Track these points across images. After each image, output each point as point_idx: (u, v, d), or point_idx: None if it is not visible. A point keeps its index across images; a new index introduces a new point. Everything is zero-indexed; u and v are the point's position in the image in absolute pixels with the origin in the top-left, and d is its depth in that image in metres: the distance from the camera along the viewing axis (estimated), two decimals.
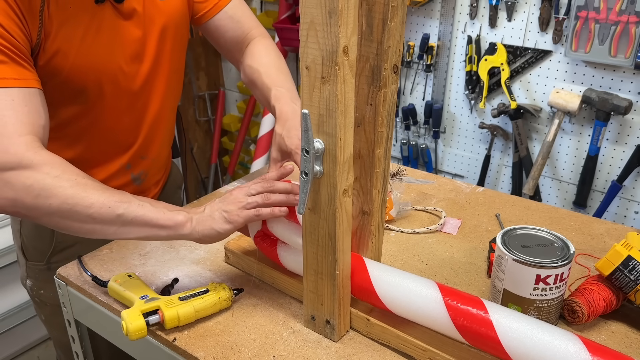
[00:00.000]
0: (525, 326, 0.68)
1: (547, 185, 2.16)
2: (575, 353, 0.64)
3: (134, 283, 0.91)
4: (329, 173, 0.73)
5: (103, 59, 0.99)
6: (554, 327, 0.69)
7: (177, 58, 1.16)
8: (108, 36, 0.99)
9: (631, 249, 0.85)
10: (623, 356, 0.64)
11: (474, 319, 0.72)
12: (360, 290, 0.84)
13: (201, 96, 3.07)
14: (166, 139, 1.24)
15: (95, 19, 0.96)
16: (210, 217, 0.86)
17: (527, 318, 0.70)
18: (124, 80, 1.04)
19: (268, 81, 1.12)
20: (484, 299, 0.74)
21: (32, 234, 1.17)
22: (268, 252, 0.95)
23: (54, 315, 1.21)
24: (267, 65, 1.16)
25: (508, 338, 0.69)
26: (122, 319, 0.83)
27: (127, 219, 0.83)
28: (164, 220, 0.85)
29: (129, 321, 0.82)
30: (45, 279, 1.18)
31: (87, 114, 1.04)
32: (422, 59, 2.26)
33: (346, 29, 0.66)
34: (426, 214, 1.22)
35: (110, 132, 1.09)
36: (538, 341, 0.67)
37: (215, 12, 1.18)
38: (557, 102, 1.94)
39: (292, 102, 1.04)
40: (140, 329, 0.82)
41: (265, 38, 1.24)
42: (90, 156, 1.09)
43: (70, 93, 1.00)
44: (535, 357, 0.67)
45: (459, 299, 0.74)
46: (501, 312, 0.71)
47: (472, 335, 0.72)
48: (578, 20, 1.83)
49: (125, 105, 1.07)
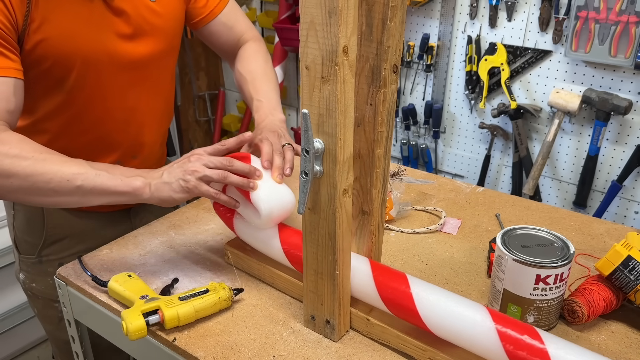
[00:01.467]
0: (440, 298, 0.76)
1: (547, 185, 2.16)
2: (481, 321, 0.72)
3: (134, 283, 0.91)
4: (329, 173, 0.73)
5: (91, 46, 1.00)
6: (466, 300, 0.76)
7: (170, 59, 1.17)
8: (97, 27, 1.00)
9: (631, 249, 0.85)
10: (522, 324, 0.71)
11: (397, 292, 0.79)
12: None
13: (201, 96, 3.07)
14: (158, 140, 1.24)
15: (85, 10, 0.98)
16: (169, 184, 0.89)
17: (442, 291, 0.78)
18: (111, 72, 1.05)
19: (252, 90, 1.18)
20: (408, 275, 0.81)
21: (23, 227, 1.18)
22: (225, 219, 1.00)
23: (46, 309, 1.23)
24: (254, 72, 1.22)
25: (425, 309, 0.76)
26: (122, 319, 0.83)
27: (86, 189, 0.87)
28: (122, 187, 0.88)
29: (129, 321, 0.82)
30: (36, 272, 1.20)
31: (72, 104, 1.05)
32: (422, 59, 2.26)
33: (346, 28, 0.66)
34: (426, 214, 1.22)
35: (97, 126, 1.09)
36: (450, 311, 0.75)
37: (210, 19, 1.22)
38: (557, 102, 1.94)
39: (270, 113, 1.11)
40: (140, 329, 0.82)
41: (255, 42, 1.29)
42: (77, 151, 1.09)
43: (57, 80, 1.01)
44: (447, 325, 0.75)
45: (386, 274, 0.82)
46: (420, 286, 0.79)
47: (397, 307, 0.80)
48: (578, 20, 1.83)
49: (112, 99, 1.08)
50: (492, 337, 0.71)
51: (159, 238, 1.12)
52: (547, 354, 0.67)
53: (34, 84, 1.00)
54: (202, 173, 0.88)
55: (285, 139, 1.02)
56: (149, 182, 0.89)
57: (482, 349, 0.72)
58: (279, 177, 0.93)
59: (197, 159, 0.90)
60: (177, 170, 0.90)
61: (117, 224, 1.21)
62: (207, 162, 0.89)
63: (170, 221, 1.18)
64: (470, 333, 0.73)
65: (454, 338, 0.75)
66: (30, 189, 0.86)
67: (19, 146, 0.87)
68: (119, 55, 1.04)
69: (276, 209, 0.90)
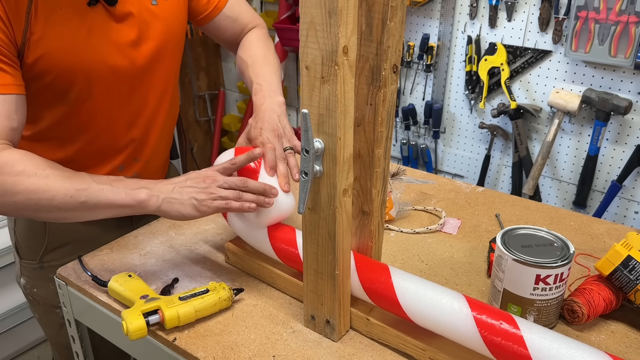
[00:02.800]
0: (419, 287, 0.78)
1: (547, 185, 2.16)
2: (459, 308, 0.74)
3: (134, 283, 0.91)
4: (329, 173, 0.73)
5: (93, 59, 0.99)
6: (444, 288, 0.78)
7: (173, 61, 1.16)
8: (99, 38, 0.99)
9: (631, 249, 0.85)
10: (500, 312, 0.73)
11: (379, 283, 0.81)
12: None
13: (201, 96, 3.07)
14: (162, 143, 1.23)
15: (86, 21, 0.97)
16: (179, 201, 0.88)
17: (422, 281, 0.80)
18: (114, 82, 1.04)
19: (252, 74, 1.18)
20: (390, 266, 0.83)
21: (25, 233, 1.17)
22: None
23: (47, 314, 1.22)
24: (255, 57, 1.21)
25: (405, 298, 0.79)
26: (122, 318, 0.83)
27: (90, 204, 0.87)
28: (126, 200, 0.88)
29: (129, 321, 0.82)
30: (38, 277, 1.19)
31: (77, 115, 1.04)
32: (422, 59, 2.26)
33: (346, 28, 0.66)
34: (426, 214, 1.23)
35: (102, 133, 1.09)
36: (429, 299, 0.77)
37: (215, 15, 1.22)
38: (557, 102, 1.94)
39: (268, 96, 1.10)
40: (140, 329, 0.82)
41: (259, 29, 1.29)
42: (81, 157, 1.09)
43: (60, 93, 1.00)
44: (427, 313, 0.77)
45: (367, 264, 0.84)
46: (401, 276, 0.81)
47: (377, 297, 0.82)
48: (578, 20, 1.83)
49: (116, 107, 1.07)
50: (469, 324, 0.73)
51: (159, 238, 1.12)
52: (522, 338, 0.69)
53: (36, 97, 0.99)
54: (217, 194, 0.88)
55: (286, 139, 1.02)
56: (155, 195, 0.88)
57: (459, 335, 0.74)
58: (286, 185, 0.93)
59: (211, 178, 0.90)
60: (190, 187, 0.89)
61: (120, 230, 1.20)
62: (222, 184, 0.89)
63: (170, 221, 1.18)
64: (448, 320, 0.75)
65: (433, 326, 0.77)
66: (34, 206, 0.86)
67: (23, 163, 0.86)
68: (122, 64, 1.03)
69: (275, 214, 0.92)
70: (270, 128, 1.02)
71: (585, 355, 0.67)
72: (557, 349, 0.67)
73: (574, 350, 0.67)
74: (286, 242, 0.92)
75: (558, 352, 0.67)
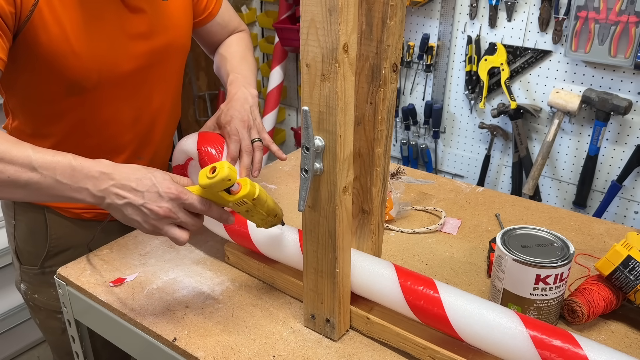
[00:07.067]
0: (471, 305, 0.74)
1: (547, 185, 2.16)
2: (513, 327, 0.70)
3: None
4: (329, 170, 0.73)
5: (103, 46, 0.98)
6: (497, 305, 0.74)
7: (178, 59, 1.16)
8: (111, 25, 0.98)
9: (631, 249, 0.85)
10: (557, 329, 0.69)
11: (427, 298, 0.76)
12: None
13: (201, 96, 3.07)
14: (165, 142, 1.23)
15: (99, 7, 0.96)
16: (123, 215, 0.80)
17: (472, 297, 0.75)
18: (123, 72, 1.03)
19: (229, 67, 1.20)
20: (435, 280, 0.78)
21: (26, 238, 1.15)
22: None
23: (49, 320, 1.20)
24: (234, 54, 1.24)
25: (455, 315, 0.74)
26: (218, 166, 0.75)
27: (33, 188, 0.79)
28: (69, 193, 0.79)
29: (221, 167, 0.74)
30: (39, 283, 1.17)
31: (83, 105, 1.02)
32: (422, 59, 2.26)
33: (346, 26, 0.66)
34: (426, 214, 1.22)
35: (105, 127, 1.07)
36: (481, 318, 0.72)
37: (208, 20, 1.24)
38: (557, 102, 1.94)
39: (243, 86, 1.11)
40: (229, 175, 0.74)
41: (243, 32, 1.33)
42: (82, 154, 1.08)
43: (69, 81, 0.98)
44: (479, 333, 0.72)
45: (413, 280, 0.79)
46: (450, 291, 0.76)
47: (424, 314, 0.77)
48: (578, 20, 1.83)
49: (122, 99, 1.06)
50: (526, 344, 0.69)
51: (159, 238, 1.12)
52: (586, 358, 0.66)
53: (37, 89, 0.98)
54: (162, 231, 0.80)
55: (255, 131, 1.01)
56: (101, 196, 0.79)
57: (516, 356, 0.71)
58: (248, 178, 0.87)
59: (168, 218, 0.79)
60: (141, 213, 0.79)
61: (122, 233, 1.19)
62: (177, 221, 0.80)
63: None
64: (502, 339, 0.71)
65: (486, 346, 0.73)
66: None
67: None
68: (132, 53, 1.02)
69: None
70: (240, 118, 1.03)
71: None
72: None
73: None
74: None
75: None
